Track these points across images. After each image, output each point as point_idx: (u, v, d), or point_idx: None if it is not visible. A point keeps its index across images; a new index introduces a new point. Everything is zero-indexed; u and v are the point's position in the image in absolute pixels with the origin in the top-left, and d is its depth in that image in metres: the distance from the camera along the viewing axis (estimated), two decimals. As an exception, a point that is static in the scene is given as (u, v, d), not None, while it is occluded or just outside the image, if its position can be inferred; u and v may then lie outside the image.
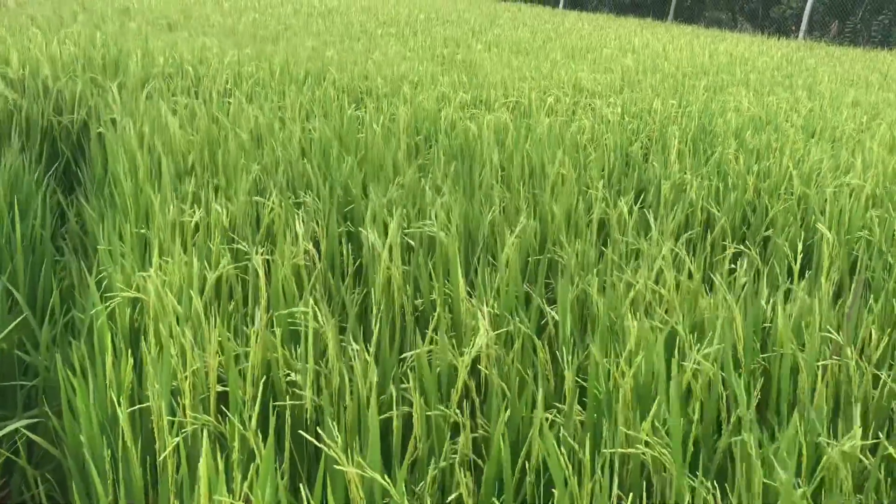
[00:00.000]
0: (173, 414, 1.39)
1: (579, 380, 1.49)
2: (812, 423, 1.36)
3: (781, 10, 17.35)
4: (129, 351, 1.51)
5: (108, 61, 4.06)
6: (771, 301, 1.88)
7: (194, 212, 2.23)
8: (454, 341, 1.62)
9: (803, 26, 15.76)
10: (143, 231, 2.13)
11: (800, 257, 2.29)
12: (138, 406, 1.38)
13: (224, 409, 1.57)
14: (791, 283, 2.45)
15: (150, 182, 2.45)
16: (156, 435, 1.31)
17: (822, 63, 9.48)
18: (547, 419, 1.43)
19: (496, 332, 1.55)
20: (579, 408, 1.52)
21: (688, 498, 1.35)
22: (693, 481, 1.37)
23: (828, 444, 1.41)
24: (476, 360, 1.59)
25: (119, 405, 1.42)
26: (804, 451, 1.35)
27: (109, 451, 1.33)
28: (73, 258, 2.36)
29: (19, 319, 2.14)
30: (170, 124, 2.95)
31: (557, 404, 1.50)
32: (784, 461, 1.26)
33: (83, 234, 2.63)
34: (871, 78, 7.94)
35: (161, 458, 1.30)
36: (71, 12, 6.84)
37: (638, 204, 2.91)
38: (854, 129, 4.58)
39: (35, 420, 1.77)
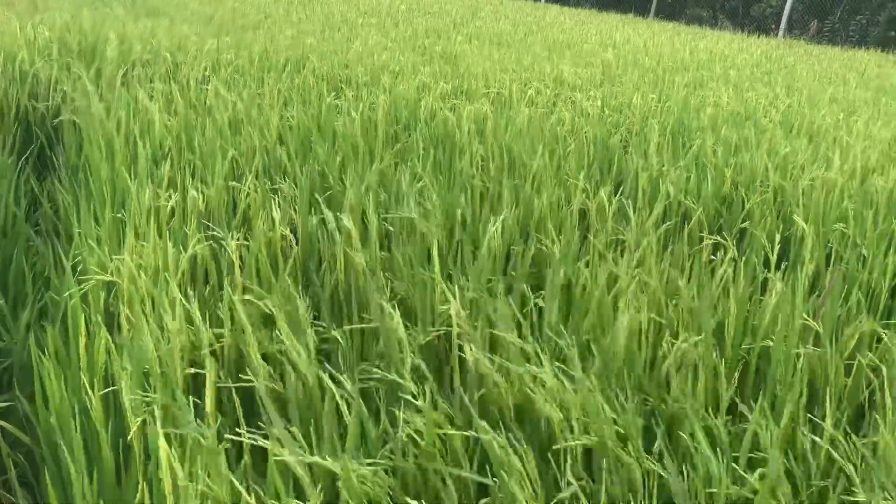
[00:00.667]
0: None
1: (560, 365, 1.49)
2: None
3: (762, 9, 17.48)
4: (102, 333, 1.49)
5: (85, 47, 4.01)
6: (749, 292, 1.89)
7: (170, 196, 2.21)
8: (427, 326, 1.61)
9: (783, 25, 15.88)
10: (118, 216, 2.10)
11: (776, 249, 2.31)
12: (110, 389, 1.37)
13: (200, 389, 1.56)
14: (768, 273, 2.46)
15: (125, 166, 2.42)
16: (131, 417, 1.29)
17: (800, 61, 9.56)
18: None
19: (468, 314, 1.54)
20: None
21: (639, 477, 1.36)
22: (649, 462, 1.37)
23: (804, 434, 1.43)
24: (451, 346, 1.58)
25: (90, 388, 1.40)
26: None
27: (80, 434, 1.31)
28: (47, 242, 2.33)
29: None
30: (148, 109, 2.92)
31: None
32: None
33: (57, 218, 2.59)
34: (849, 76, 8.02)
35: (129, 437, 1.28)
36: (47, -3, 6.75)
37: (617, 195, 2.92)
38: (831, 124, 4.62)
39: (6, 404, 1.75)
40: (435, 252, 1.83)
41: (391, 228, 2.03)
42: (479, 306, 1.60)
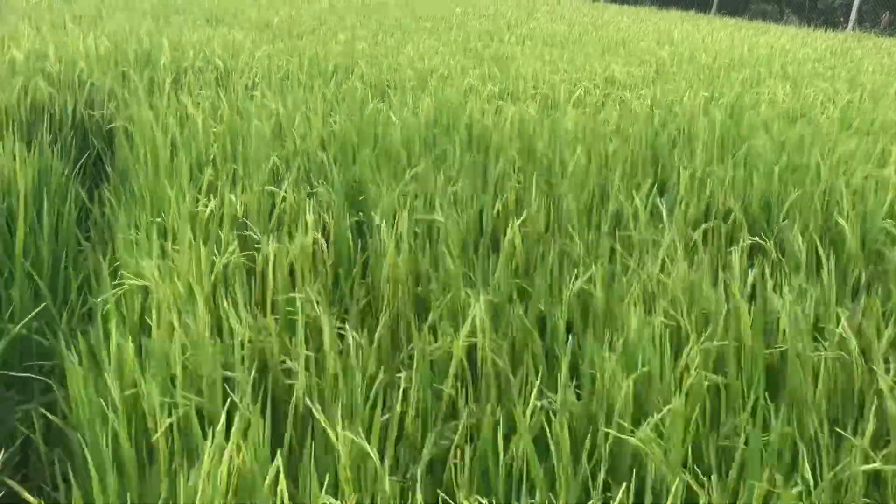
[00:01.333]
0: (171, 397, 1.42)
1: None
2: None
3: (830, 1, 16.98)
4: (133, 337, 1.54)
5: (140, 55, 4.14)
6: (780, 295, 1.85)
7: (209, 201, 2.27)
8: (452, 329, 1.62)
9: (852, 17, 15.39)
10: (157, 221, 2.17)
11: (817, 250, 2.25)
12: (132, 390, 1.41)
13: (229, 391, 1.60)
14: (807, 277, 2.40)
15: (167, 173, 2.49)
16: (150, 418, 1.34)
17: (869, 55, 9.25)
18: (539, 407, 1.42)
19: (492, 321, 1.55)
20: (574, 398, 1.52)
21: (680, 491, 1.34)
22: (685, 476, 1.36)
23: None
24: (473, 351, 1.59)
25: (115, 389, 1.45)
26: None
27: (104, 434, 1.36)
28: (95, 248, 2.41)
29: (41, 307, 2.21)
30: (192, 116, 3.00)
31: (550, 394, 1.50)
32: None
33: (106, 225, 2.69)
34: (919, 69, 7.73)
35: (154, 438, 1.33)
36: (110, 8, 6.98)
37: (656, 196, 2.88)
38: (893, 120, 4.46)
39: (48, 403, 1.82)
40: (454, 254, 1.84)
41: (417, 231, 2.05)
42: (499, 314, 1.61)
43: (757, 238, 2.50)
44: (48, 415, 1.72)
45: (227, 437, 1.30)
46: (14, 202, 2.57)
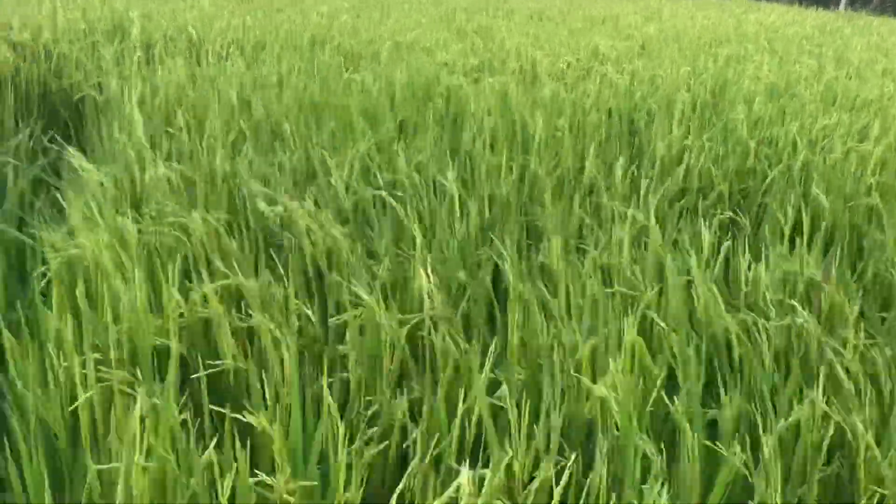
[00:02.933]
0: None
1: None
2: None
3: (822, -21, 16.86)
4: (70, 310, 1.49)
5: (111, 26, 4.04)
6: (746, 260, 1.81)
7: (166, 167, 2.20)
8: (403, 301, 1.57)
9: (844, -4, 15.30)
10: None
11: (790, 222, 2.20)
12: (63, 364, 1.35)
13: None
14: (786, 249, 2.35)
15: (129, 142, 2.42)
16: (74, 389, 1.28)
17: (858, 33, 9.17)
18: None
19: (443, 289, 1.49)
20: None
21: (633, 457, 1.29)
22: (641, 441, 1.31)
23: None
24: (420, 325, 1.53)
25: (54, 361, 1.39)
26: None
27: (35, 405, 1.30)
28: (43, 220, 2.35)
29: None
30: (159, 86, 2.93)
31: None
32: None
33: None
34: (906, 47, 7.67)
35: (73, 406, 1.27)
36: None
37: (633, 169, 2.82)
38: (877, 96, 4.41)
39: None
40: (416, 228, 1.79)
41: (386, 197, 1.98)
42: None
43: (732, 213, 2.45)
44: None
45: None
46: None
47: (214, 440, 1.22)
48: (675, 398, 1.38)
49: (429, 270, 1.49)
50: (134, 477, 1.12)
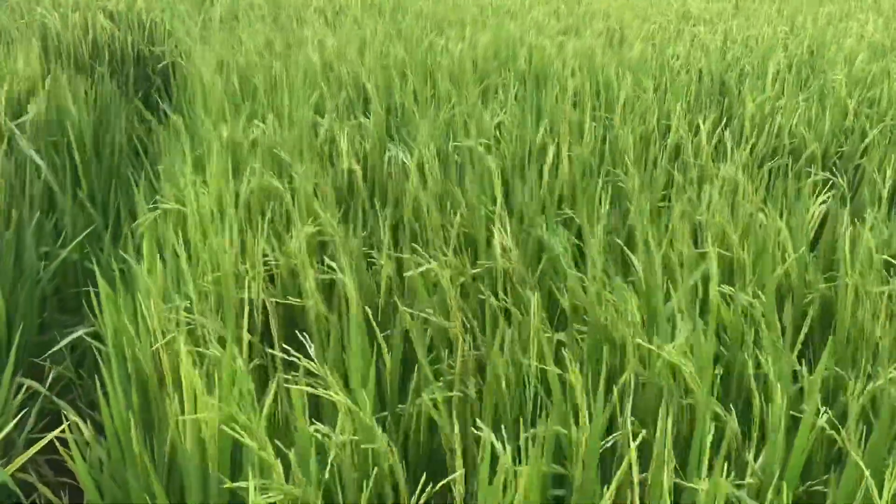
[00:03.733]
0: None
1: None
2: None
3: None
4: (157, 258, 1.53)
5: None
6: (843, 227, 1.72)
7: (252, 132, 2.25)
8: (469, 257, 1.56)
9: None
10: (198, 151, 2.16)
11: (889, 184, 2.09)
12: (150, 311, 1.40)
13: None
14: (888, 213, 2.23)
15: (205, 105, 2.48)
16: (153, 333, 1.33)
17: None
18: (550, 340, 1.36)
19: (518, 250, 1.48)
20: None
21: (710, 426, 1.26)
22: (718, 409, 1.28)
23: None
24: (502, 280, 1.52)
25: (143, 307, 1.44)
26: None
27: (129, 350, 1.36)
28: (144, 176, 2.43)
29: (90, 229, 2.26)
30: (246, 51, 2.98)
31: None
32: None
33: (157, 153, 2.71)
34: None
35: (154, 347, 1.32)
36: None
37: (721, 129, 2.72)
38: None
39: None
40: (498, 182, 1.77)
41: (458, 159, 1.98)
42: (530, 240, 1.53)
43: (828, 174, 2.34)
44: (87, 339, 1.74)
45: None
46: (74, 134, 2.60)
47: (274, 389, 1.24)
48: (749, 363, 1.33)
49: (507, 227, 1.47)
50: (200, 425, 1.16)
